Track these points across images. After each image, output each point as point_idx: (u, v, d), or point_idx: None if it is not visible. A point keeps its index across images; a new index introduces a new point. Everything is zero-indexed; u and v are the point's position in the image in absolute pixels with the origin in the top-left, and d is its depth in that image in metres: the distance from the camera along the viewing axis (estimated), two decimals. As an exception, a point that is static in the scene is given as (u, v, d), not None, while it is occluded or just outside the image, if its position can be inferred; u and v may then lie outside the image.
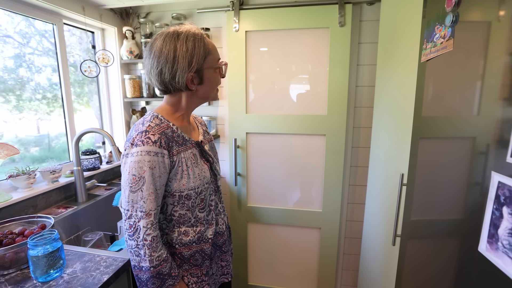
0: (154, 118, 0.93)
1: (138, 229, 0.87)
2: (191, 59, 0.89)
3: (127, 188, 0.87)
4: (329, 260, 2.08)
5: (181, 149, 0.94)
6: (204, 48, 0.92)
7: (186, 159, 0.95)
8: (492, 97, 0.69)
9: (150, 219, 0.88)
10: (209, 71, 0.96)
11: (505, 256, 0.60)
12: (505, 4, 0.65)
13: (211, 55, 0.94)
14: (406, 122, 1.21)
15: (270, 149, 2.03)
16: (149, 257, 0.87)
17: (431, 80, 1.01)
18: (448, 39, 0.80)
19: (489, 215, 0.65)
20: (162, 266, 0.90)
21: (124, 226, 0.89)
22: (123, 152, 0.90)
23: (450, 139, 0.89)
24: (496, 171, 0.64)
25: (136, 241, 0.87)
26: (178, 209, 0.97)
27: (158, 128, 0.90)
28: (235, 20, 1.87)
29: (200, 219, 1.02)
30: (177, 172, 0.93)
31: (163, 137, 0.89)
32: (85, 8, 1.76)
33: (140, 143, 0.86)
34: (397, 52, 1.37)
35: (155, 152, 0.87)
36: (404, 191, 1.20)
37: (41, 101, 1.66)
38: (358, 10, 1.78)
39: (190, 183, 0.95)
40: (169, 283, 0.92)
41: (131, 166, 0.86)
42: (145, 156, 0.86)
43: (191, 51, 0.89)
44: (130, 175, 0.87)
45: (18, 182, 1.42)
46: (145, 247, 0.87)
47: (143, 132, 0.88)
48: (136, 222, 0.87)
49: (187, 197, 0.96)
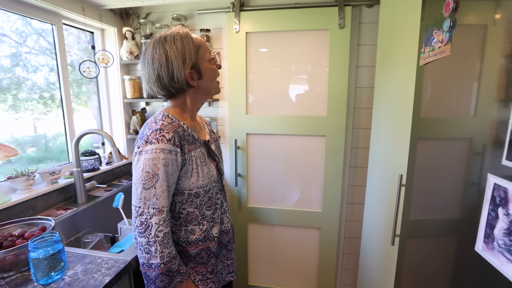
0: (165, 117, 0.95)
1: (150, 226, 0.88)
2: (184, 56, 0.92)
3: (140, 185, 0.88)
4: (328, 260, 2.09)
5: (192, 148, 0.96)
6: (193, 43, 0.94)
7: (196, 158, 0.97)
8: (488, 98, 0.70)
9: (163, 215, 0.89)
10: (205, 63, 0.97)
11: (501, 255, 0.61)
12: (501, 7, 0.67)
13: (201, 48, 0.96)
14: (405, 123, 1.22)
15: (270, 149, 2.04)
16: (160, 254, 0.88)
17: (429, 82, 1.02)
18: (446, 44, 0.81)
19: (485, 216, 0.66)
20: (172, 263, 0.91)
21: (135, 223, 0.90)
22: (136, 149, 0.91)
23: (448, 140, 0.90)
24: (492, 173, 0.65)
25: (148, 238, 0.88)
26: (187, 207, 0.98)
27: (171, 127, 0.92)
28: (236, 22, 1.88)
29: (206, 217, 1.03)
30: (188, 170, 0.94)
31: (176, 135, 0.91)
32: (85, 8, 1.77)
33: (155, 141, 0.88)
34: (396, 54, 1.38)
35: (169, 150, 0.88)
36: (403, 191, 1.21)
37: (38, 101, 1.65)
38: (358, 13, 1.79)
39: (199, 181, 0.97)
40: (177, 280, 0.93)
41: (145, 163, 0.87)
42: (160, 153, 0.87)
43: (182, 49, 0.91)
44: (143, 172, 0.87)
45: (17, 184, 1.42)
46: (156, 244, 0.88)
47: (157, 130, 0.89)
48: (148, 219, 0.88)
49: (196, 195, 0.98)
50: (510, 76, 0.63)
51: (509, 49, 0.64)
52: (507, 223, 0.59)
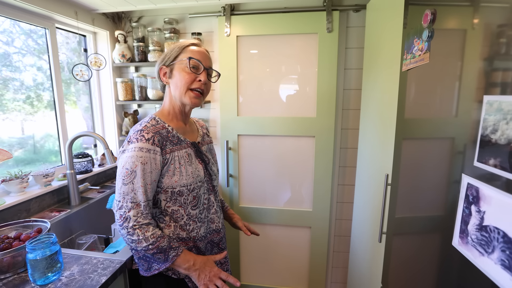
0: (151, 120, 1.02)
1: (128, 218, 0.93)
2: (166, 54, 1.05)
3: (120, 180, 0.95)
4: (319, 258, 2.14)
5: (175, 148, 1.02)
6: (179, 46, 1.05)
7: (180, 158, 1.02)
8: (468, 99, 0.73)
9: (140, 209, 0.94)
10: (179, 66, 1.04)
11: (474, 249, 0.66)
12: (479, 13, 0.71)
13: (184, 53, 1.04)
14: (390, 124, 1.27)
15: (261, 150, 2.08)
16: (143, 237, 0.93)
17: (412, 84, 1.07)
18: (425, 52, 0.86)
19: (460, 213, 0.71)
20: (160, 242, 0.95)
21: (116, 217, 0.95)
22: (121, 149, 0.98)
23: (431, 140, 0.94)
24: (466, 173, 0.70)
25: (127, 229, 0.93)
26: (171, 205, 1.02)
27: (154, 128, 0.99)
28: (227, 25, 1.91)
29: (192, 216, 1.06)
30: (170, 169, 1.00)
31: (157, 136, 0.97)
32: (78, 12, 1.78)
33: (135, 140, 0.95)
34: (381, 58, 1.44)
35: (147, 148, 0.94)
36: (389, 190, 1.26)
37: (25, 101, 1.64)
38: (345, 17, 1.85)
39: (183, 180, 1.01)
40: (172, 255, 0.97)
41: (125, 160, 0.94)
42: (138, 152, 0.93)
43: (172, 48, 1.06)
44: (123, 168, 0.94)
45: (11, 187, 1.43)
46: (136, 230, 0.93)
47: (138, 130, 0.97)
48: (126, 212, 0.93)
49: (179, 193, 1.02)
50: (488, 78, 0.66)
51: (487, 52, 0.67)
52: (479, 219, 0.65)
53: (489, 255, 0.61)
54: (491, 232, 0.61)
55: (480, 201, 0.64)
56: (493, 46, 0.65)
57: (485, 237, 0.62)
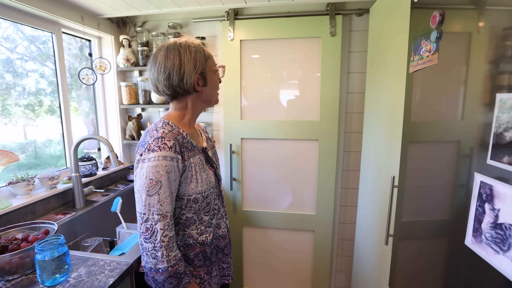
0: (165, 125, 0.98)
1: (155, 232, 0.90)
2: (195, 62, 0.98)
3: (144, 192, 0.91)
4: (322, 262, 2.13)
5: (191, 155, 1.00)
6: (204, 54, 1.01)
7: (195, 164, 1.00)
8: (474, 102, 0.74)
9: (167, 220, 0.92)
10: (210, 73, 1.04)
11: (488, 247, 0.66)
12: (484, 16, 0.71)
13: (210, 60, 1.04)
14: (396, 127, 1.28)
15: (264, 154, 2.08)
16: (166, 258, 0.91)
17: (418, 88, 1.07)
18: (434, 53, 0.87)
19: (473, 212, 0.71)
20: (179, 265, 0.94)
21: (140, 229, 0.92)
22: (138, 157, 0.94)
23: (437, 143, 0.94)
24: (478, 172, 0.70)
25: (154, 243, 0.90)
26: (186, 212, 1.01)
27: (172, 134, 0.95)
28: (230, 30, 1.93)
29: (204, 222, 1.06)
30: (187, 177, 0.98)
31: (177, 142, 0.95)
32: (84, 17, 1.80)
33: (157, 149, 0.91)
34: (386, 61, 1.45)
35: (171, 157, 0.92)
36: (395, 192, 1.26)
37: (27, 107, 1.65)
38: (348, 21, 1.87)
39: (198, 187, 1.00)
40: (185, 281, 0.96)
41: (148, 170, 0.90)
42: (162, 161, 0.90)
43: (194, 55, 0.98)
44: (147, 179, 0.90)
45: (17, 189, 1.43)
46: (162, 249, 0.90)
47: (159, 138, 0.92)
48: (153, 225, 0.90)
49: (195, 200, 1.01)
50: (494, 81, 0.67)
51: (492, 55, 0.68)
52: (493, 217, 0.65)
53: (504, 253, 0.62)
54: (506, 230, 0.61)
55: (494, 199, 0.64)
56: (498, 49, 0.66)
57: (500, 234, 0.62)
